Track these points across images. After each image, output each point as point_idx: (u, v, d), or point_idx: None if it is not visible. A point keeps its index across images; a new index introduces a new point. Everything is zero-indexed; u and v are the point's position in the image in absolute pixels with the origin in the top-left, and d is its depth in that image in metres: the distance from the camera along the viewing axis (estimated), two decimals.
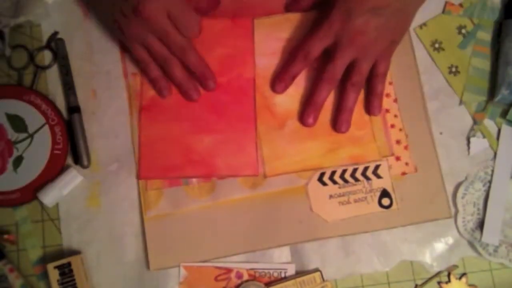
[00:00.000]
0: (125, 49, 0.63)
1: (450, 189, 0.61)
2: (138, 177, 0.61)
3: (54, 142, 0.61)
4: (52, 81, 0.64)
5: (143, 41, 0.58)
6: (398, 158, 0.61)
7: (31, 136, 0.61)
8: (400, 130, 0.62)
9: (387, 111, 0.62)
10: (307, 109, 0.60)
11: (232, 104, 0.62)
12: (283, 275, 0.59)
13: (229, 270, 0.59)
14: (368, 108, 0.61)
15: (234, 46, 0.63)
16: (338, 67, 0.58)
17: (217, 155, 0.61)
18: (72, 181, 0.60)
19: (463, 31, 0.65)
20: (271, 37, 0.63)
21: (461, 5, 0.65)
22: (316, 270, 0.59)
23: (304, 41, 0.60)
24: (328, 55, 0.59)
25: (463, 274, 0.60)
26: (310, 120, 0.60)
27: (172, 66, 0.59)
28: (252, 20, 0.64)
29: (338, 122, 0.60)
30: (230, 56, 0.63)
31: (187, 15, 0.58)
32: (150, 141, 0.61)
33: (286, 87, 0.62)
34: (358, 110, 0.62)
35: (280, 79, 0.61)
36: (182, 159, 0.61)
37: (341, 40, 0.57)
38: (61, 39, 0.64)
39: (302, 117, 0.60)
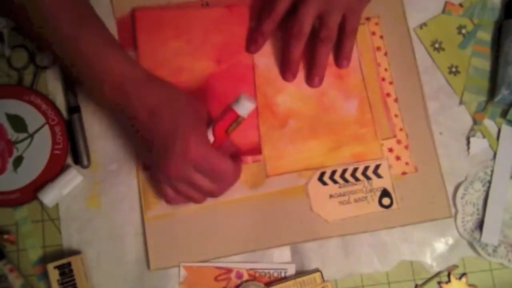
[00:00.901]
0: None
1: (450, 189, 0.61)
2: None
3: (54, 142, 0.61)
4: (52, 81, 0.64)
5: (170, 184, 0.54)
6: (398, 158, 0.61)
7: (31, 136, 0.61)
8: (400, 130, 0.62)
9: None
10: (283, 68, 0.62)
11: (233, 91, 0.61)
12: (283, 275, 0.59)
13: (229, 270, 0.59)
14: (336, 63, 0.63)
15: (231, 33, 0.63)
16: (305, 20, 0.58)
17: None
18: (72, 181, 0.60)
19: (463, 31, 0.65)
20: (271, 37, 0.63)
21: (461, 5, 0.65)
22: (316, 270, 0.59)
23: None
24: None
25: (463, 274, 0.60)
26: (290, 78, 0.62)
27: (194, 199, 0.56)
28: (248, 8, 0.64)
29: (309, 77, 0.62)
30: (228, 44, 0.63)
31: (216, 165, 0.52)
32: None
33: (258, 47, 0.62)
34: (360, 108, 0.62)
35: (251, 39, 0.62)
36: None
37: None
38: None
39: (282, 76, 0.63)
